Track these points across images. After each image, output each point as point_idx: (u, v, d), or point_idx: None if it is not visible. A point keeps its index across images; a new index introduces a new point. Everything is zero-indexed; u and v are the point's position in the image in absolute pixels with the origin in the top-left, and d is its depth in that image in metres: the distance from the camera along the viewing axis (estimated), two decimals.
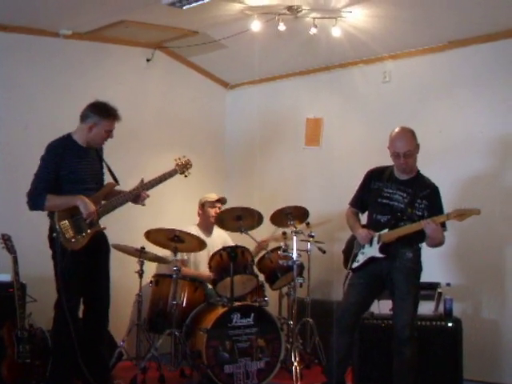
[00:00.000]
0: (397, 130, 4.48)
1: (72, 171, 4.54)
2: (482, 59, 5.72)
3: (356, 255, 4.52)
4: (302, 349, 5.72)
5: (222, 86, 7.54)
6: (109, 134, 4.69)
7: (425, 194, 4.40)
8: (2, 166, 5.50)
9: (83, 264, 4.58)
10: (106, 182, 4.80)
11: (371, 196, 4.55)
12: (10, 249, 4.67)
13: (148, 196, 4.84)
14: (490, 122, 5.63)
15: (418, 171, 4.54)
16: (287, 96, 7.08)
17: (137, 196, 4.78)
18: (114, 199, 4.70)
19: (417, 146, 4.45)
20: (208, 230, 6.18)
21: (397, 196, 4.44)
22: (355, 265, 4.50)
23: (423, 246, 4.53)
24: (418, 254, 4.44)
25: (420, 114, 5.98)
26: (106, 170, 4.82)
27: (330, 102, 6.78)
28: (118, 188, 4.80)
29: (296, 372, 5.10)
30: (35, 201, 4.46)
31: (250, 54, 6.66)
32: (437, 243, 4.38)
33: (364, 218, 4.77)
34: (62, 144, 4.59)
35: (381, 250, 4.37)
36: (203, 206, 6.20)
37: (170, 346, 5.54)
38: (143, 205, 4.85)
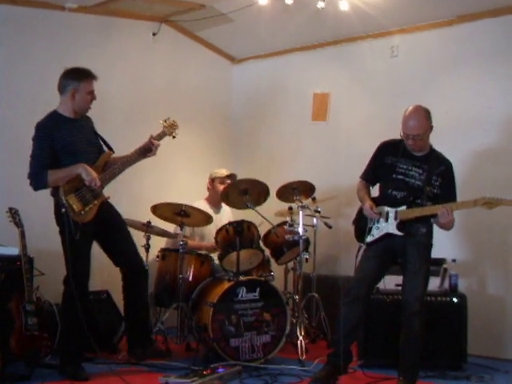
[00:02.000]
0: (412, 108, 4.37)
1: (67, 144, 4.54)
2: (490, 34, 5.68)
3: (370, 229, 4.47)
4: (308, 323, 5.76)
5: (228, 61, 7.51)
6: (91, 95, 4.66)
7: (440, 171, 4.36)
8: (9, 140, 5.50)
9: (92, 237, 4.63)
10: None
11: (384, 170, 4.50)
12: (18, 222, 4.68)
13: (159, 144, 4.84)
14: (498, 96, 5.60)
15: (431, 146, 4.48)
16: (294, 70, 7.04)
17: (149, 148, 4.78)
18: (114, 166, 4.70)
19: (429, 128, 4.36)
20: (217, 206, 6.19)
21: (412, 172, 4.39)
22: (370, 239, 4.46)
23: None
24: (431, 229, 4.42)
25: (427, 89, 5.95)
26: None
27: (338, 77, 6.74)
28: (114, 156, 4.82)
29: (301, 346, 5.13)
30: (37, 180, 4.49)
31: (256, 28, 6.63)
32: (447, 228, 4.37)
33: (375, 191, 4.73)
34: (51, 120, 4.59)
35: (398, 227, 4.34)
36: (213, 181, 6.20)
37: (176, 319, 5.58)
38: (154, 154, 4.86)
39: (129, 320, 4.99)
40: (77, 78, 4.61)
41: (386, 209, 4.42)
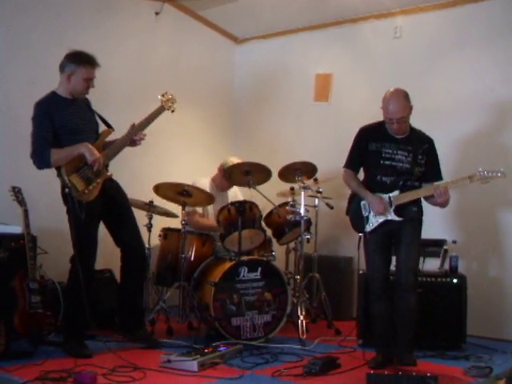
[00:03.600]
0: (391, 92, 4.35)
1: (65, 124, 4.54)
2: (494, 15, 5.66)
3: (368, 218, 4.47)
4: (309, 303, 5.80)
5: (231, 41, 7.49)
6: (88, 82, 4.64)
7: (424, 150, 4.38)
8: (11, 120, 5.49)
9: (98, 216, 4.65)
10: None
11: (370, 157, 4.47)
12: (21, 201, 4.68)
13: (145, 135, 4.85)
14: (500, 78, 5.59)
15: (410, 126, 4.46)
16: (297, 51, 7.03)
17: (133, 140, 4.80)
18: (113, 145, 4.72)
19: (410, 109, 4.34)
20: (222, 189, 6.18)
21: (399, 156, 4.38)
22: (369, 228, 4.46)
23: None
24: (421, 206, 4.46)
25: (430, 70, 5.94)
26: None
27: (340, 58, 6.73)
28: (111, 136, 4.82)
29: (302, 326, 5.17)
30: (40, 159, 4.47)
31: (259, 8, 6.60)
32: (443, 207, 4.40)
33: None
34: (49, 100, 4.59)
35: (396, 213, 4.36)
36: (222, 167, 6.16)
37: (178, 298, 5.62)
38: (139, 144, 4.86)
39: (122, 302, 4.93)
40: (76, 61, 4.59)
41: (380, 195, 4.41)
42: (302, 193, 5.41)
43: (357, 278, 5.32)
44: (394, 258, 4.50)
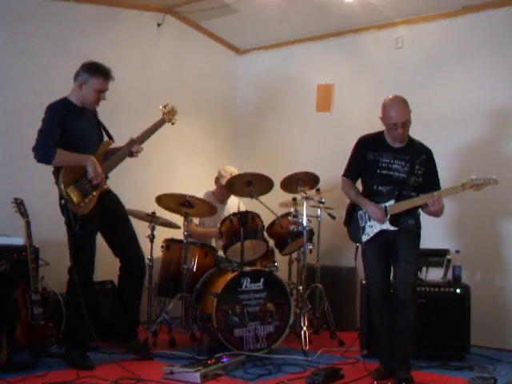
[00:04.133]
0: (390, 99, 4.36)
1: (73, 131, 4.56)
2: (495, 25, 5.67)
3: (364, 228, 4.47)
4: (311, 314, 5.78)
5: (232, 52, 7.51)
6: (99, 94, 4.68)
7: (421, 160, 4.36)
8: (13, 130, 5.50)
9: (96, 228, 4.65)
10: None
11: (368, 167, 4.47)
12: (23, 213, 4.68)
13: (142, 149, 4.87)
14: (502, 88, 5.59)
15: (409, 136, 4.45)
16: (298, 62, 7.04)
17: (130, 151, 4.83)
18: (113, 158, 4.74)
19: (410, 113, 4.35)
20: (222, 200, 6.20)
21: (395, 165, 4.38)
22: (365, 238, 4.45)
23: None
24: (418, 220, 4.44)
25: (432, 80, 5.95)
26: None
27: (342, 68, 6.74)
28: (112, 146, 4.85)
29: (305, 336, 5.15)
30: (44, 153, 4.44)
31: (261, 19, 6.62)
32: (437, 216, 4.37)
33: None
34: (61, 104, 4.62)
35: (391, 222, 4.35)
36: (218, 180, 6.19)
37: (180, 309, 5.61)
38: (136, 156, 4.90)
39: (118, 310, 4.90)
40: (90, 71, 4.64)
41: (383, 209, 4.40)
42: (305, 203, 5.41)
43: (359, 288, 5.31)
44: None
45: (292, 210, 5.67)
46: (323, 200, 5.78)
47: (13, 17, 5.57)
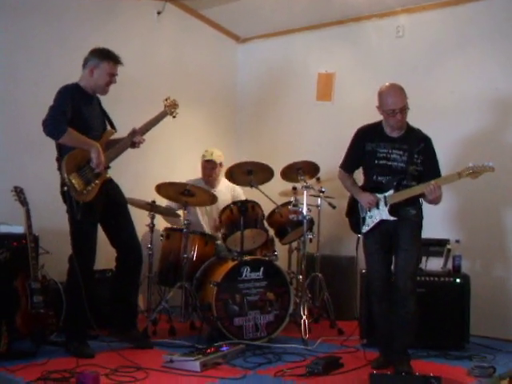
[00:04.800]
0: (387, 86, 4.35)
1: (81, 117, 4.56)
2: (496, 14, 5.65)
3: (364, 219, 4.46)
4: (311, 303, 5.79)
5: (233, 40, 7.48)
6: (111, 77, 4.70)
7: (420, 149, 4.34)
8: (13, 120, 5.49)
9: (98, 216, 4.65)
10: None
11: (366, 158, 4.46)
12: (23, 201, 4.68)
13: (144, 140, 4.89)
14: (505, 78, 5.57)
15: (408, 124, 4.44)
16: (299, 50, 7.02)
17: (132, 142, 4.84)
18: (115, 148, 4.74)
19: (407, 100, 4.33)
20: (211, 185, 6.19)
21: (394, 155, 4.36)
22: (365, 229, 4.45)
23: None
24: (420, 209, 4.43)
25: (433, 69, 5.94)
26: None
27: (343, 57, 6.72)
28: (115, 136, 4.84)
29: (304, 325, 5.16)
30: (55, 128, 4.40)
31: (262, 7, 6.60)
32: (436, 203, 4.35)
33: (359, 179, 4.68)
34: (73, 88, 4.62)
35: (390, 212, 4.35)
36: (201, 162, 6.22)
37: (180, 298, 5.63)
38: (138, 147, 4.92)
39: (116, 301, 4.87)
40: (99, 56, 4.66)
41: (376, 196, 4.40)
42: (305, 192, 5.40)
43: (359, 278, 5.31)
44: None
45: (292, 199, 5.67)
46: (323, 189, 5.78)
47: (13, 9, 5.54)
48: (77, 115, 4.52)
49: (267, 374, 4.18)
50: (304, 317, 5.24)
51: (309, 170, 5.69)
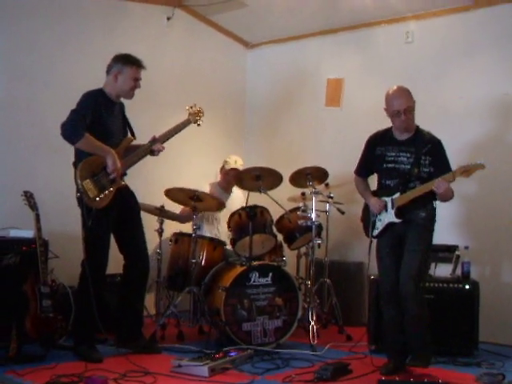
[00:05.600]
0: (392, 89, 4.43)
1: (103, 124, 4.59)
2: (505, 20, 5.65)
3: (374, 222, 4.51)
4: (319, 308, 5.78)
5: (242, 46, 7.50)
6: (135, 82, 4.74)
7: (427, 150, 4.35)
8: (22, 124, 5.51)
9: (112, 223, 4.65)
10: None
11: (376, 162, 4.52)
12: (33, 206, 4.70)
13: (163, 148, 4.91)
14: (511, 85, 5.56)
15: (417, 127, 4.47)
16: (308, 56, 7.03)
17: (151, 150, 4.85)
18: (133, 155, 4.76)
19: (414, 102, 4.40)
20: (227, 190, 6.23)
21: (401, 158, 4.40)
22: (376, 232, 4.51)
23: (438, 205, 4.50)
24: (431, 213, 4.43)
25: (442, 75, 5.93)
26: None
27: (352, 63, 6.72)
28: (134, 143, 4.86)
29: (313, 331, 5.15)
30: (73, 132, 4.42)
31: (270, 13, 6.61)
32: (448, 199, 4.36)
33: (373, 184, 4.73)
34: (97, 94, 4.65)
35: (397, 215, 4.36)
36: (223, 167, 6.24)
37: (188, 303, 5.62)
38: (157, 155, 4.93)
39: (122, 311, 4.86)
40: (122, 61, 4.70)
41: (385, 199, 4.45)
42: (313, 198, 5.41)
43: (367, 284, 5.30)
44: None
45: (301, 204, 5.66)
46: (332, 195, 5.77)
47: (19, 11, 5.56)
48: (97, 121, 4.55)
49: (275, 379, 4.18)
50: (312, 322, 5.23)
51: (317, 175, 5.69)
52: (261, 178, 5.51)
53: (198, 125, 5.10)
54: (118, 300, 4.93)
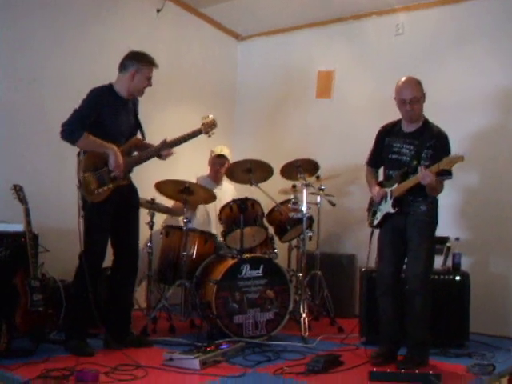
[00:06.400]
0: (403, 78, 4.47)
1: (110, 122, 4.55)
2: (495, 11, 5.66)
3: (375, 212, 4.56)
4: (311, 301, 5.79)
5: (233, 38, 7.48)
6: (149, 81, 4.72)
7: (430, 144, 4.35)
8: (12, 118, 5.48)
9: (111, 217, 4.60)
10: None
11: (384, 153, 4.56)
12: (22, 199, 4.67)
13: (171, 154, 4.88)
14: (504, 74, 5.57)
15: (426, 120, 4.49)
16: (299, 48, 7.02)
17: (159, 154, 4.82)
18: (140, 154, 4.73)
19: (423, 94, 4.42)
20: (216, 182, 6.23)
21: (404, 150, 4.43)
22: (375, 222, 4.55)
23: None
24: (432, 206, 4.43)
25: (432, 67, 5.92)
26: None
27: (342, 55, 6.72)
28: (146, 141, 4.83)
29: (304, 323, 5.16)
30: (70, 133, 4.41)
31: (261, 5, 6.59)
32: (435, 192, 4.36)
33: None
34: (105, 91, 4.61)
35: (393, 205, 4.38)
36: (210, 157, 6.25)
37: (180, 296, 5.62)
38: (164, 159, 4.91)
39: (111, 309, 4.78)
40: (141, 60, 4.66)
41: (386, 190, 4.47)
42: (304, 190, 5.40)
43: (359, 276, 5.31)
44: None
45: (292, 196, 5.66)
46: (323, 187, 5.78)
47: (11, 7, 5.52)
48: (104, 118, 4.52)
49: (267, 371, 4.17)
50: (304, 315, 5.24)
51: (308, 167, 5.69)
52: (252, 171, 5.51)
53: (209, 136, 5.05)
54: (107, 297, 4.88)
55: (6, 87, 5.47)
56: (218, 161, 6.17)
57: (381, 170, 4.73)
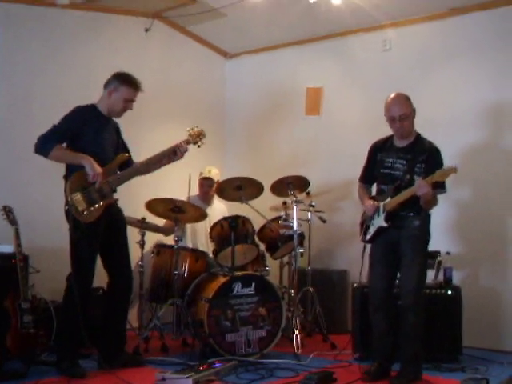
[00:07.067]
0: (391, 95, 4.48)
1: (93, 139, 4.55)
2: (482, 27, 5.70)
3: (368, 227, 4.55)
4: (303, 317, 5.77)
5: (221, 56, 7.50)
6: (127, 104, 4.70)
7: (423, 159, 4.37)
8: (4, 138, 5.47)
9: (100, 238, 4.58)
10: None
11: (376, 168, 4.57)
12: (12, 220, 4.67)
13: (186, 149, 4.94)
14: (492, 88, 5.60)
15: (418, 135, 4.51)
16: (287, 65, 7.04)
17: (171, 155, 4.87)
18: (123, 173, 4.70)
19: (413, 110, 4.44)
20: (206, 202, 6.21)
21: (397, 164, 4.45)
22: (368, 236, 4.54)
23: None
24: (425, 221, 4.44)
25: (421, 83, 5.95)
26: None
27: (330, 71, 6.75)
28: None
29: (297, 340, 5.15)
30: (43, 144, 4.43)
31: (249, 23, 6.62)
32: (430, 205, 4.37)
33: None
34: (88, 110, 4.63)
35: (385, 219, 4.39)
36: (199, 180, 6.24)
37: (172, 315, 5.58)
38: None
39: (105, 330, 4.75)
40: (120, 80, 4.68)
41: (379, 203, 4.47)
42: (295, 207, 5.41)
43: (351, 291, 5.31)
44: None
45: (282, 213, 5.67)
46: (313, 203, 5.78)
47: (6, 24, 5.55)
48: (86, 135, 4.52)
49: None
50: (296, 331, 5.22)
51: (298, 184, 5.69)
52: (242, 188, 5.52)
53: (199, 146, 5.06)
54: (102, 318, 4.84)
55: None
56: (205, 182, 6.17)
57: (373, 185, 4.74)
